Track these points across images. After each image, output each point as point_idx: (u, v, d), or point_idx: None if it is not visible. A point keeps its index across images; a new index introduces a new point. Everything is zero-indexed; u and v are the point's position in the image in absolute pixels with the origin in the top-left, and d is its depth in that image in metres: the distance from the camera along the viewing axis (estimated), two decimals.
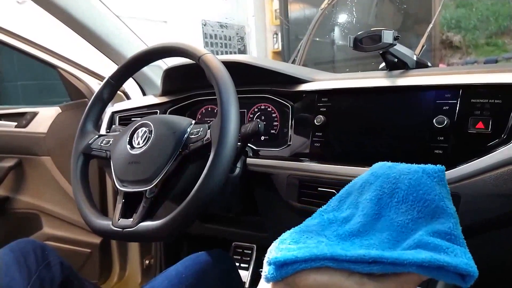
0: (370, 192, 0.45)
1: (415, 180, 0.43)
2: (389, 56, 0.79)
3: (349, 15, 2.03)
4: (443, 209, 0.41)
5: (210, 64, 0.70)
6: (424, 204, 0.41)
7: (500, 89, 0.63)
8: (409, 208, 0.42)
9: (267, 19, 5.14)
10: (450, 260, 0.35)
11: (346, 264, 0.36)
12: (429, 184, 0.42)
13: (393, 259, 0.35)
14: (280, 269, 0.37)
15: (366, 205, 0.44)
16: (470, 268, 0.35)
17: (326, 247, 0.38)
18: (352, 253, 0.36)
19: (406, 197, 0.42)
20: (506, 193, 0.60)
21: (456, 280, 0.36)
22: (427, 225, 0.40)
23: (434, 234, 0.39)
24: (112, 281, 1.44)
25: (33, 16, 1.28)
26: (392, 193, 0.44)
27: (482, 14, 3.63)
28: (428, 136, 0.67)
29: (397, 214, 0.42)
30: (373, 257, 0.35)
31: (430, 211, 0.41)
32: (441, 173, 0.43)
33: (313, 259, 0.36)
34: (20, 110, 1.48)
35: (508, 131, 0.61)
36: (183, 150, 0.71)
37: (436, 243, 0.37)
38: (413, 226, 0.41)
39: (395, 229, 0.41)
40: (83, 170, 0.81)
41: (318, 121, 0.79)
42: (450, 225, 0.39)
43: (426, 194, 0.42)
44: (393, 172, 0.45)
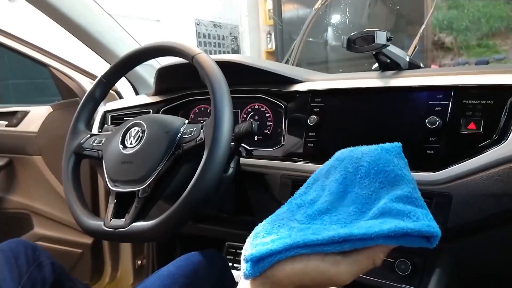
0: (336, 174, 0.48)
1: (375, 156, 0.46)
2: (382, 56, 0.79)
3: (343, 16, 2.04)
4: (402, 177, 0.44)
5: (204, 63, 0.70)
6: (385, 175, 0.44)
7: (492, 90, 0.64)
8: (372, 181, 0.45)
9: (261, 19, 5.14)
10: (412, 226, 0.37)
11: (319, 247, 0.38)
12: (388, 158, 0.46)
13: (361, 234, 0.37)
14: (257, 265, 0.38)
15: (332, 185, 0.47)
16: (432, 229, 0.37)
17: (298, 233, 0.39)
18: (323, 236, 0.38)
19: (368, 172, 0.46)
20: (498, 193, 0.61)
21: (422, 243, 0.38)
22: (388, 193, 0.43)
23: (396, 199, 0.42)
24: (104, 282, 1.43)
25: (24, 15, 1.27)
26: (356, 171, 0.47)
27: (473, 16, 3.66)
28: (420, 137, 0.68)
29: (361, 188, 0.45)
30: (342, 236, 0.37)
31: (390, 180, 0.44)
32: (397, 148, 0.47)
33: (287, 249, 0.37)
34: (11, 109, 1.47)
35: (499, 132, 0.62)
36: (176, 150, 0.71)
37: (399, 208, 0.40)
38: (376, 196, 0.44)
39: (360, 201, 0.44)
40: (74, 170, 0.81)
41: (311, 121, 0.79)
42: (409, 190, 0.42)
43: (386, 166, 0.45)
44: (355, 154, 0.48)
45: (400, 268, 0.73)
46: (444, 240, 0.70)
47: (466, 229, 0.66)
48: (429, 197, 0.65)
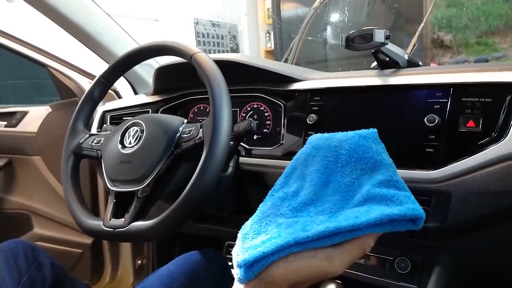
0: (315, 163, 0.49)
1: (354, 143, 0.47)
2: (380, 55, 0.79)
3: (341, 14, 2.04)
4: (381, 162, 0.45)
5: (202, 63, 0.70)
6: (365, 162, 0.45)
7: (491, 88, 0.64)
8: (353, 169, 0.46)
9: (260, 18, 5.14)
10: (397, 211, 0.38)
11: (310, 244, 0.38)
12: (366, 144, 0.47)
13: (350, 226, 0.38)
14: (250, 269, 0.38)
15: (314, 176, 0.48)
16: (417, 212, 0.39)
17: (287, 230, 0.40)
18: (313, 232, 0.38)
19: (349, 160, 0.46)
20: (497, 191, 0.61)
21: (408, 226, 0.39)
22: (370, 178, 0.44)
23: (378, 184, 0.42)
24: (104, 282, 1.43)
25: (23, 15, 1.27)
26: (336, 160, 0.47)
27: (472, 14, 3.66)
28: (419, 135, 0.68)
29: (343, 177, 0.46)
30: (332, 230, 0.38)
31: (370, 166, 0.45)
32: (374, 133, 0.48)
33: (279, 250, 0.38)
34: (10, 109, 1.46)
35: (498, 130, 0.62)
36: (175, 149, 0.71)
37: (382, 193, 0.41)
38: (358, 183, 0.45)
39: (343, 189, 0.45)
40: (73, 170, 0.81)
41: (310, 120, 0.79)
42: (389, 173, 0.43)
43: (365, 153, 0.46)
44: (333, 142, 0.49)
45: (400, 266, 0.73)
46: (444, 238, 0.70)
47: (466, 227, 0.66)
48: (428, 195, 0.65)
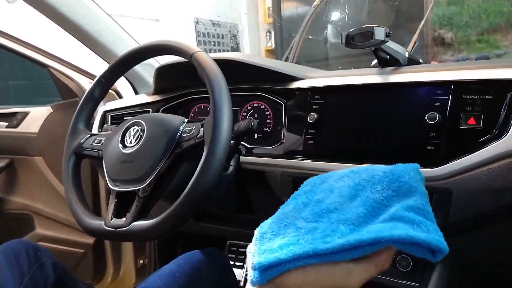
0: (348, 180, 0.48)
1: (392, 167, 0.46)
2: (381, 53, 0.79)
3: (342, 13, 2.04)
4: (416, 189, 0.43)
5: (203, 62, 0.70)
6: (399, 185, 0.44)
7: (491, 85, 0.64)
8: (385, 187, 0.44)
9: (260, 17, 5.13)
10: (423, 237, 0.37)
11: (329, 257, 0.37)
12: (404, 170, 0.45)
13: (371, 239, 0.37)
14: (265, 273, 0.37)
15: (343, 189, 0.46)
16: (441, 245, 0.38)
17: (306, 237, 0.39)
18: (333, 245, 0.37)
19: (382, 180, 0.45)
20: (497, 188, 0.60)
21: (427, 255, 0.38)
22: (400, 202, 0.42)
23: (408, 208, 0.41)
24: (106, 281, 1.43)
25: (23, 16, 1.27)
26: (370, 179, 0.46)
27: (473, 11, 3.65)
28: (420, 132, 0.68)
29: (372, 192, 0.44)
30: (353, 243, 0.37)
31: (404, 191, 0.43)
32: (414, 165, 0.47)
33: (296, 259, 0.37)
34: (11, 110, 1.47)
35: (499, 127, 0.62)
36: (175, 148, 0.71)
37: (410, 217, 0.40)
38: (387, 203, 0.43)
39: (370, 204, 0.43)
40: (75, 170, 0.81)
41: (311, 118, 0.79)
42: (422, 202, 0.42)
43: (401, 177, 0.44)
44: (371, 167, 0.48)
45: (401, 264, 0.73)
46: (445, 235, 0.70)
47: (467, 224, 0.66)
48: (429, 193, 0.65)
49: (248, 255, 0.40)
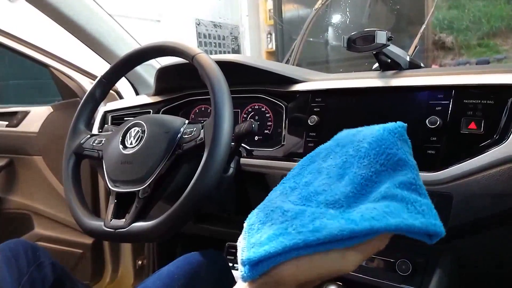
0: (336, 159, 0.46)
1: (377, 136, 0.43)
2: (382, 56, 0.79)
3: (343, 16, 2.04)
4: (405, 161, 0.41)
5: (204, 63, 0.70)
6: (387, 158, 0.42)
7: (492, 90, 0.64)
8: (372, 161, 0.42)
9: (261, 19, 5.14)
10: (419, 224, 0.36)
11: (320, 247, 0.36)
12: (391, 140, 0.43)
13: (366, 230, 0.35)
14: (255, 268, 0.36)
15: (331, 170, 0.45)
16: (438, 229, 0.37)
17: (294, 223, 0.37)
18: (324, 235, 0.35)
19: (368, 153, 0.43)
20: (498, 193, 0.60)
21: (424, 238, 0.38)
22: (390, 177, 0.41)
23: (399, 185, 0.40)
24: (105, 282, 1.43)
25: (25, 15, 1.27)
26: (356, 153, 0.44)
27: (474, 16, 3.66)
28: (421, 137, 0.68)
29: (360, 168, 0.42)
30: (347, 234, 0.35)
31: (392, 164, 0.41)
32: (401, 128, 0.44)
33: (286, 252, 0.35)
34: (11, 109, 1.47)
35: (500, 132, 0.62)
36: (176, 150, 0.71)
37: (403, 195, 0.38)
38: (376, 179, 0.41)
39: (358, 181, 0.41)
40: (74, 170, 0.81)
41: (311, 121, 0.79)
42: (413, 176, 0.40)
43: (388, 149, 0.42)
44: (357, 138, 0.46)
45: (401, 268, 0.73)
46: (445, 240, 0.70)
47: (467, 229, 0.65)
48: (430, 197, 0.65)
49: (239, 249, 0.39)
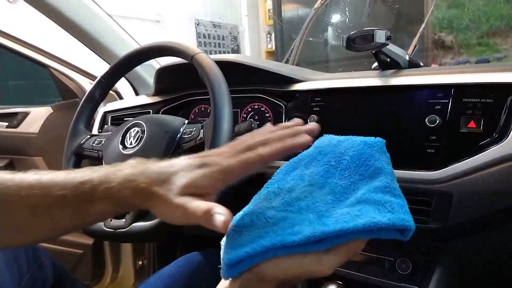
0: (318, 167, 0.48)
1: (358, 150, 0.47)
2: (381, 55, 0.79)
3: (342, 15, 2.04)
4: (381, 169, 0.44)
5: (203, 63, 0.70)
6: (365, 168, 0.45)
7: (492, 89, 0.64)
8: (352, 173, 0.45)
9: (261, 18, 5.14)
10: (386, 220, 0.37)
11: (297, 248, 0.37)
12: (370, 152, 0.46)
13: (336, 231, 0.37)
14: (235, 267, 0.38)
15: (313, 177, 0.47)
16: (406, 223, 0.38)
17: (274, 228, 0.40)
18: (299, 237, 0.37)
19: (349, 165, 0.46)
20: (498, 192, 0.60)
21: (396, 235, 0.39)
22: (367, 184, 0.43)
23: (374, 189, 0.42)
24: (105, 282, 1.43)
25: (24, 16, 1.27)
26: (338, 164, 0.47)
27: (473, 15, 3.66)
28: (420, 136, 0.68)
29: (340, 179, 0.46)
30: (319, 236, 0.37)
31: (370, 173, 0.44)
32: (380, 143, 0.48)
33: (264, 252, 0.37)
34: (11, 110, 1.46)
35: (499, 130, 0.62)
36: (176, 150, 0.71)
37: (376, 198, 0.40)
38: (354, 187, 0.44)
39: (338, 191, 0.44)
40: None
41: (311, 120, 0.79)
42: (387, 181, 0.43)
43: (367, 160, 0.46)
44: (338, 149, 0.49)
45: (401, 267, 0.73)
46: (445, 239, 0.70)
47: (467, 228, 0.65)
48: (429, 196, 0.65)
49: (222, 248, 0.41)
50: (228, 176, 0.41)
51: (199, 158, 0.43)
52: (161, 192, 0.40)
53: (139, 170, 0.43)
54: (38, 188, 0.43)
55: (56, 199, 0.43)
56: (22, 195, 0.43)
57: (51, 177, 0.44)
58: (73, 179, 0.43)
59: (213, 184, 0.41)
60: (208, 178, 0.40)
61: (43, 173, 0.45)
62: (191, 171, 0.41)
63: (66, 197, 0.42)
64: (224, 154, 0.43)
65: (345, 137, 0.51)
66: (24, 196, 0.43)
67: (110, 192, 0.42)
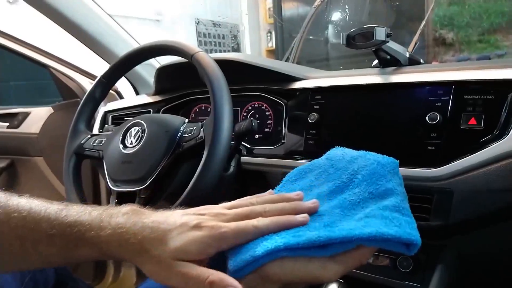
0: (328, 182, 0.48)
1: (370, 170, 0.47)
2: (381, 53, 0.79)
3: (342, 13, 2.04)
4: (392, 191, 0.44)
5: (203, 62, 0.70)
6: (376, 187, 0.45)
7: (492, 85, 0.64)
8: (362, 191, 0.45)
9: (261, 17, 5.14)
10: (393, 232, 0.38)
11: (301, 251, 0.38)
12: (382, 172, 0.46)
13: (341, 237, 0.37)
14: (242, 270, 0.38)
15: (322, 189, 0.47)
16: (413, 237, 0.38)
17: (278, 235, 0.39)
18: (303, 240, 0.38)
19: (360, 183, 0.46)
20: (499, 189, 0.60)
21: (401, 249, 0.39)
22: (376, 203, 0.43)
23: (383, 207, 0.42)
24: (107, 282, 1.43)
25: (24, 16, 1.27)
26: (349, 182, 0.47)
27: (474, 12, 3.65)
28: (421, 133, 0.68)
29: (350, 195, 0.45)
30: (323, 240, 0.37)
31: (380, 193, 0.44)
32: (393, 163, 0.48)
33: (269, 254, 0.37)
34: (12, 111, 1.47)
35: (500, 127, 0.61)
36: (176, 149, 0.71)
37: (384, 214, 0.41)
38: (363, 205, 0.44)
39: (346, 206, 0.44)
40: (75, 170, 0.81)
41: (311, 118, 0.79)
42: (397, 200, 0.43)
43: (379, 180, 0.45)
44: (352, 166, 0.49)
45: (402, 265, 0.73)
46: (446, 236, 0.70)
47: (468, 225, 0.65)
48: (430, 193, 0.65)
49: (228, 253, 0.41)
50: (220, 243, 0.39)
51: (195, 216, 0.41)
52: (155, 253, 0.38)
53: (131, 221, 0.41)
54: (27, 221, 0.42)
55: (43, 236, 0.41)
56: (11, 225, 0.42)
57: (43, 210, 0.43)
58: (63, 219, 0.42)
59: (204, 251, 0.38)
60: (200, 243, 0.38)
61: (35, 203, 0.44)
62: (185, 232, 0.39)
63: (53, 237, 0.41)
64: (221, 217, 0.41)
65: (358, 154, 0.51)
66: (14, 227, 0.42)
67: (97, 240, 0.40)
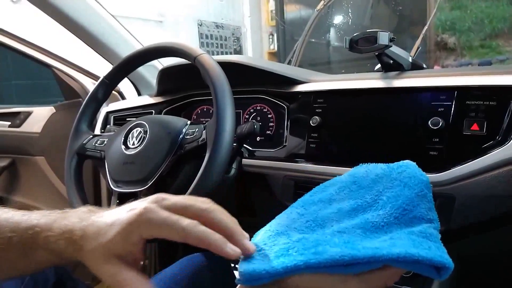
0: (350, 199, 0.46)
1: (396, 192, 0.44)
2: (384, 57, 0.79)
3: (345, 17, 2.04)
4: (419, 219, 0.41)
5: (206, 64, 0.70)
6: (403, 212, 0.42)
7: (495, 91, 0.64)
8: (387, 213, 0.42)
9: (263, 19, 5.14)
10: (424, 254, 0.35)
11: (322, 269, 0.35)
12: (410, 196, 0.43)
13: (368, 257, 0.35)
14: (254, 282, 0.36)
15: (343, 205, 0.45)
16: (445, 261, 0.36)
17: (297, 245, 0.37)
18: (325, 258, 0.35)
19: (385, 205, 0.43)
20: (501, 195, 0.60)
21: (431, 273, 0.36)
22: (402, 229, 0.40)
23: (409, 232, 0.39)
24: (106, 283, 1.43)
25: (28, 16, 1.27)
26: (373, 202, 0.44)
27: (476, 16, 3.65)
28: (423, 138, 0.68)
29: (373, 216, 0.42)
30: (348, 260, 0.35)
31: (406, 220, 0.41)
32: (421, 184, 0.44)
33: (287, 271, 0.35)
34: (14, 110, 1.47)
35: (502, 133, 0.61)
36: (178, 150, 0.71)
37: (411, 237, 0.38)
38: (387, 229, 0.41)
39: (369, 228, 0.41)
40: (77, 170, 0.81)
41: (313, 122, 0.79)
42: (425, 227, 0.40)
43: (405, 204, 0.42)
44: (377, 187, 0.46)
45: None
46: (447, 241, 0.69)
47: (469, 230, 0.65)
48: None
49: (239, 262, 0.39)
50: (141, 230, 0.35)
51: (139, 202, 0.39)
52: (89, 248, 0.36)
53: (80, 219, 0.39)
54: None
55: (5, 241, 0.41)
56: None
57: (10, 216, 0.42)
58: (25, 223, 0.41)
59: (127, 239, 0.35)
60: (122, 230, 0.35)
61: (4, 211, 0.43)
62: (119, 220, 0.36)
63: (12, 240, 0.40)
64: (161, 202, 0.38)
65: (383, 171, 0.48)
66: None
67: (48, 241, 0.39)
